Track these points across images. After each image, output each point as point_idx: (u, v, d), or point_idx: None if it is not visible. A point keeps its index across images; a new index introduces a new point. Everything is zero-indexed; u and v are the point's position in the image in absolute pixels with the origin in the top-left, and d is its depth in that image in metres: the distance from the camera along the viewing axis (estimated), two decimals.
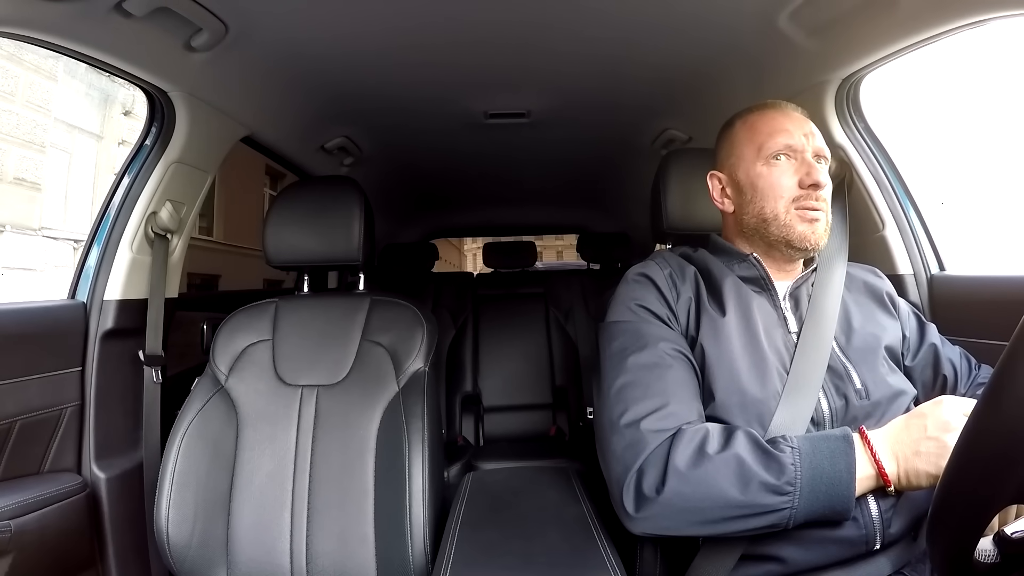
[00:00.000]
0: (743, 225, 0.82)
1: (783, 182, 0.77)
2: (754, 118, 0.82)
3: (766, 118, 0.81)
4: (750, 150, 0.80)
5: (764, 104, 0.83)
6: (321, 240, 1.07)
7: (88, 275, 1.09)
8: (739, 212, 0.83)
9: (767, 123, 0.80)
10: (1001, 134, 3.96)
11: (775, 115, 0.80)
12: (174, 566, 0.91)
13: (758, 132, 0.80)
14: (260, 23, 0.99)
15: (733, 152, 0.83)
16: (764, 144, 0.78)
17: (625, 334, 0.75)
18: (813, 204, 0.76)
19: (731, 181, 0.84)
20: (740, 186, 0.82)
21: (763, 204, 0.78)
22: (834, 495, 0.60)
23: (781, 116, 0.80)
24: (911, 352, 0.82)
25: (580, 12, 1.01)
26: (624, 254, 2.40)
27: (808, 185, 0.76)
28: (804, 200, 0.76)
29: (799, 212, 0.76)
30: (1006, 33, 0.84)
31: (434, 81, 1.31)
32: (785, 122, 0.79)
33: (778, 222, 0.77)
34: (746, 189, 0.81)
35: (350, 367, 1.00)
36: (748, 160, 0.80)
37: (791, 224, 0.77)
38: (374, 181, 1.83)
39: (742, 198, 0.82)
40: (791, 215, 0.77)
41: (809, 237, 0.77)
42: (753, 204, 0.80)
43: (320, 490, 0.93)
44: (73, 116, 7.70)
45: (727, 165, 0.84)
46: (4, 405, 0.92)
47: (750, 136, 0.81)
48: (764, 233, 0.79)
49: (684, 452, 0.63)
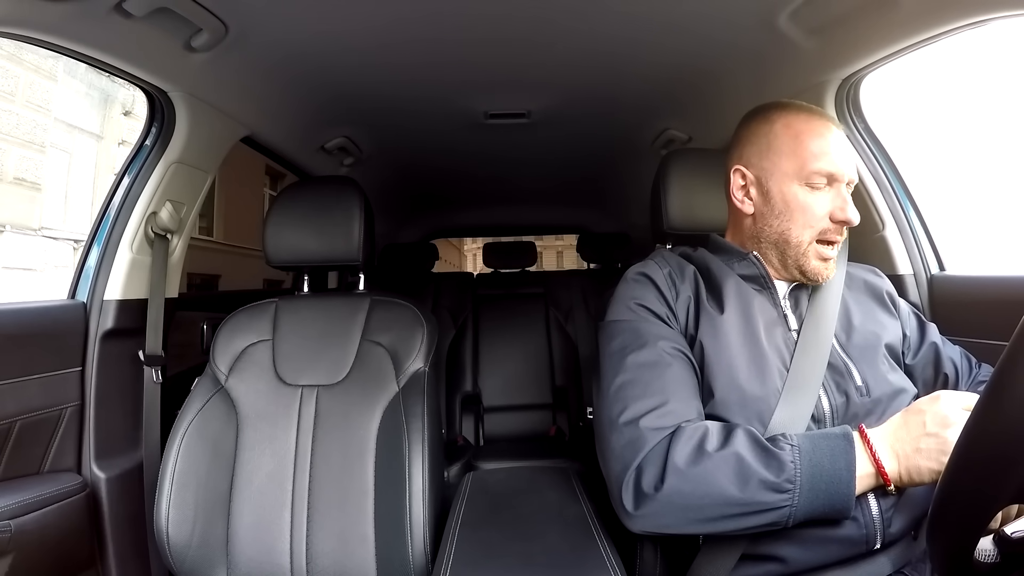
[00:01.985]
0: (761, 234, 0.79)
1: (816, 211, 0.75)
2: (799, 124, 0.76)
3: (812, 130, 0.75)
4: (791, 164, 0.75)
5: (806, 108, 0.78)
6: (321, 240, 1.07)
7: (88, 275, 1.09)
8: (760, 220, 0.79)
9: (814, 138, 0.75)
10: (1002, 134, 3.95)
11: (820, 128, 0.75)
12: (174, 566, 0.91)
13: (803, 146, 0.75)
14: (260, 23, 0.99)
15: (769, 155, 0.77)
16: (808, 164, 0.74)
17: (624, 333, 0.75)
18: (835, 238, 0.75)
19: (759, 184, 0.79)
20: (769, 196, 0.78)
21: (790, 226, 0.76)
22: (834, 493, 0.60)
23: (826, 132, 0.75)
24: (912, 351, 0.82)
25: (580, 12, 1.01)
26: (624, 254, 2.40)
27: (838, 220, 0.74)
28: (830, 234, 0.75)
29: (820, 247, 0.75)
30: (1006, 33, 0.84)
31: (434, 81, 1.31)
32: (832, 143, 0.75)
33: (799, 249, 0.76)
34: (776, 202, 0.77)
35: (350, 367, 1.00)
36: (787, 174, 0.76)
37: (808, 256, 0.76)
38: (374, 181, 1.83)
39: (768, 208, 0.78)
40: (812, 247, 0.75)
41: (821, 272, 0.76)
42: (780, 221, 0.77)
43: (320, 490, 0.92)
44: (73, 116, 7.70)
45: (758, 166, 0.79)
46: (4, 405, 0.92)
47: (793, 147, 0.75)
48: (781, 251, 0.78)
49: (683, 450, 0.63)
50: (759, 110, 0.82)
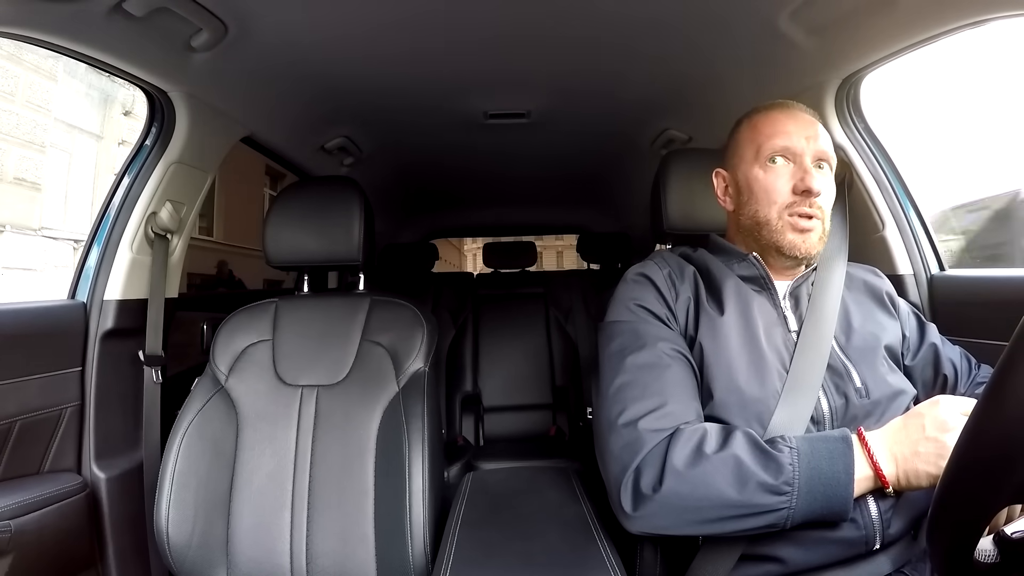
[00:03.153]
0: (742, 226, 0.82)
1: (777, 186, 0.76)
2: (758, 118, 0.81)
3: (769, 119, 0.79)
4: (750, 151, 0.80)
5: (771, 104, 0.82)
6: (321, 240, 1.07)
7: (88, 275, 1.09)
8: (738, 212, 0.83)
9: (769, 124, 0.79)
10: (1002, 134, 3.93)
11: (779, 116, 0.79)
12: (174, 566, 0.91)
13: (759, 133, 0.79)
14: (260, 23, 0.99)
15: (736, 151, 0.83)
16: (763, 145, 0.78)
17: (624, 334, 0.76)
18: (806, 211, 0.75)
19: (732, 180, 0.84)
20: (739, 187, 0.82)
21: (756, 207, 0.78)
22: (832, 496, 0.60)
23: (785, 117, 0.79)
24: (911, 352, 0.82)
25: (579, 12, 1.01)
26: (624, 254, 2.41)
27: (801, 191, 0.75)
28: (797, 207, 0.75)
29: (791, 220, 0.75)
30: (1006, 33, 0.84)
31: (434, 81, 1.31)
32: (788, 123, 0.77)
33: (769, 227, 0.77)
34: (743, 190, 0.81)
35: (350, 367, 1.00)
36: (747, 161, 0.80)
37: (782, 231, 0.76)
38: (374, 181, 1.83)
39: (740, 199, 0.82)
40: (783, 222, 0.76)
41: (799, 246, 0.75)
42: (749, 206, 0.79)
43: (320, 490, 0.92)
44: (73, 116, 7.70)
45: (731, 164, 0.84)
46: (4, 405, 0.92)
47: (751, 136, 0.80)
48: (757, 236, 0.79)
49: (682, 451, 0.63)
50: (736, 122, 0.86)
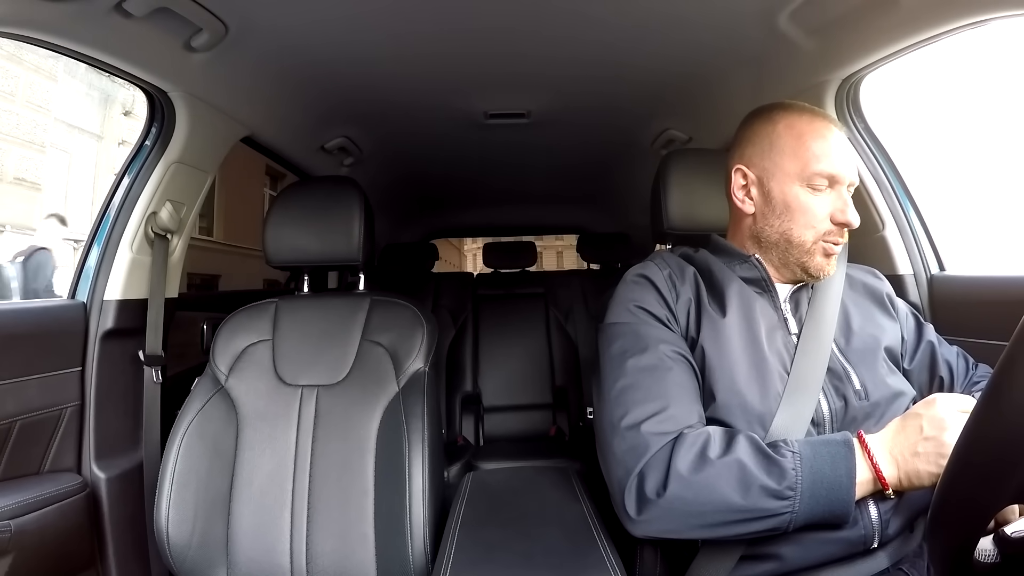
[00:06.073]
0: (761, 234, 0.79)
1: (818, 213, 0.74)
2: (802, 125, 0.76)
3: (815, 131, 0.75)
4: (793, 164, 0.75)
5: (808, 109, 0.78)
6: (321, 240, 1.07)
7: (88, 275, 1.09)
8: (760, 220, 0.79)
9: (816, 139, 0.74)
10: (1002, 134, 3.93)
11: (823, 130, 0.75)
12: (174, 566, 0.91)
13: (804, 147, 0.74)
14: (260, 23, 0.99)
15: (771, 155, 0.77)
16: (809, 165, 0.74)
17: (625, 336, 0.75)
18: (837, 239, 0.75)
19: (760, 184, 0.78)
20: (771, 196, 0.77)
21: (791, 227, 0.76)
22: (834, 499, 0.60)
23: (829, 133, 0.75)
24: (909, 354, 0.82)
25: (579, 12, 1.01)
26: (624, 254, 2.40)
27: (839, 222, 0.74)
28: (832, 236, 0.75)
29: (825, 245, 0.75)
30: (1006, 33, 0.84)
31: (434, 81, 1.31)
32: (833, 144, 0.74)
33: (803, 248, 0.76)
34: (777, 203, 0.76)
35: (350, 367, 1.00)
36: (788, 174, 0.75)
37: (812, 254, 0.75)
38: (374, 181, 1.83)
39: (769, 209, 0.77)
40: (816, 246, 0.75)
41: (824, 268, 0.76)
42: (781, 221, 0.76)
43: (320, 490, 0.92)
44: (73, 116, 7.69)
45: (760, 165, 0.78)
46: (4, 405, 0.92)
47: (795, 147, 0.75)
48: (783, 251, 0.77)
49: (686, 456, 0.63)
50: (762, 110, 0.82)
